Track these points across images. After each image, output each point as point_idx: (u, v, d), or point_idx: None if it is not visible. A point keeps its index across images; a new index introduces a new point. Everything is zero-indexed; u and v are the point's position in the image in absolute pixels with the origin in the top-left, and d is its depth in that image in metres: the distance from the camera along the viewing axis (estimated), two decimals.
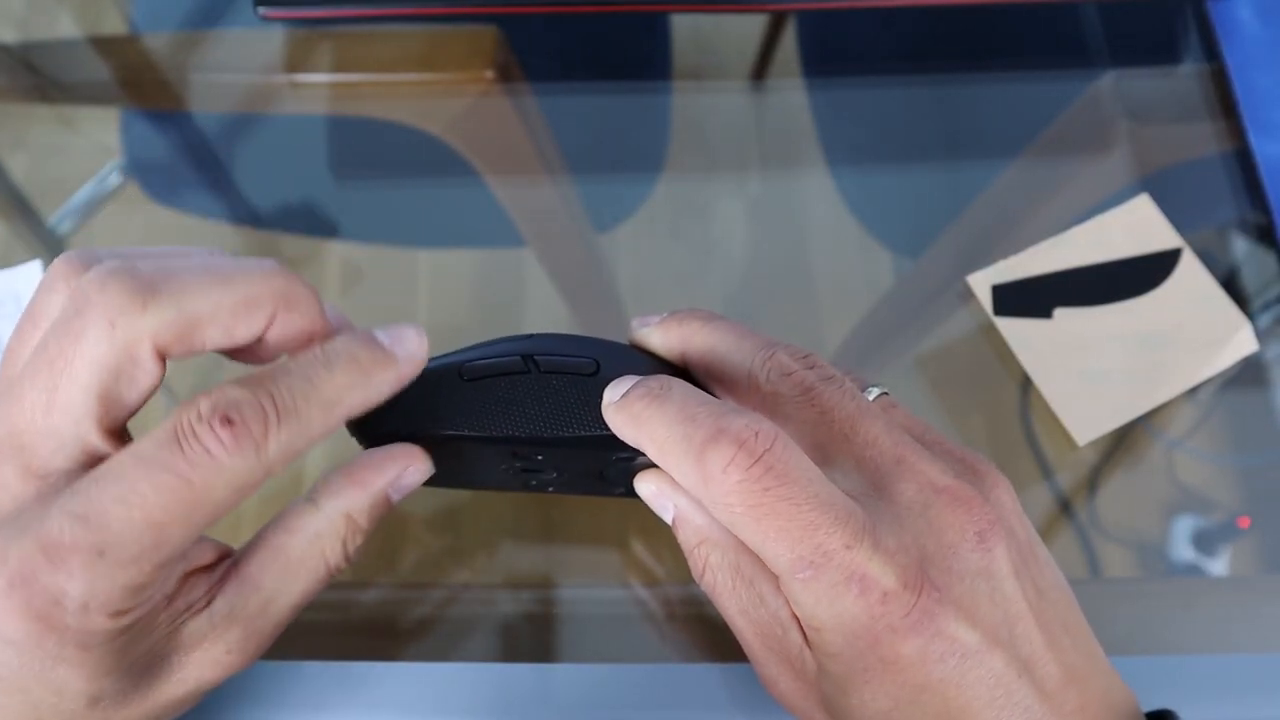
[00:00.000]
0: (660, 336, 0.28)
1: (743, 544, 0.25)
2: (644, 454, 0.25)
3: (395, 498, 0.27)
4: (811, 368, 0.26)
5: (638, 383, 0.25)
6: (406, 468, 0.27)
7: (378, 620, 0.35)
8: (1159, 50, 0.46)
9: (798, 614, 0.24)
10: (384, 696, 0.32)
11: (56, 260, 0.24)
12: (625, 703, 0.33)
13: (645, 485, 0.28)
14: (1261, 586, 0.36)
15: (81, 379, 0.22)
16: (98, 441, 0.23)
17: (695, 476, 0.23)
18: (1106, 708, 0.25)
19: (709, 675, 0.33)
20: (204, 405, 0.22)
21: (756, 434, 0.22)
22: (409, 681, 0.33)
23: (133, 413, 0.24)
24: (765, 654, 0.26)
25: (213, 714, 0.32)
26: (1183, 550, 0.36)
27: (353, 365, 0.24)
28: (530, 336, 0.27)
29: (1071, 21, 0.47)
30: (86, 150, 0.45)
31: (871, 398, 0.27)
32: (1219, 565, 0.36)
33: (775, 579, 0.25)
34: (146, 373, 0.23)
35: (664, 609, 0.35)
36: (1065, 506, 0.37)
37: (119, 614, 0.22)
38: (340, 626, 0.35)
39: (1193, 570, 0.36)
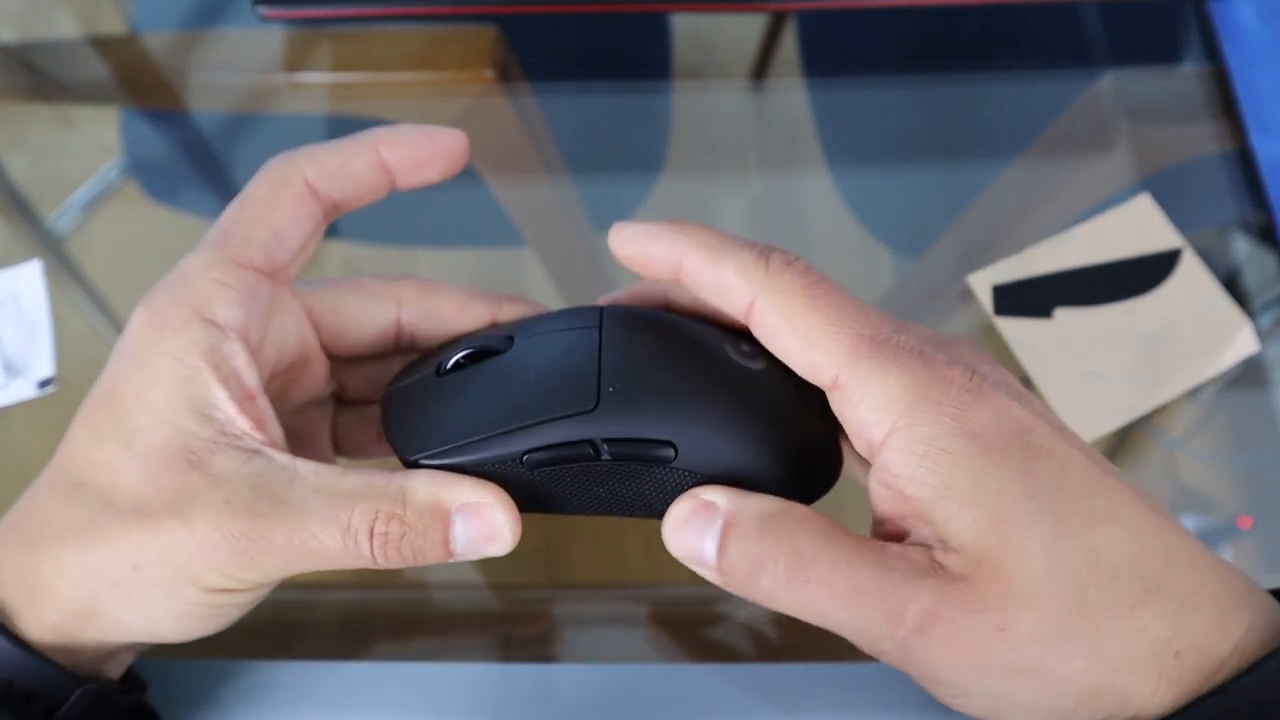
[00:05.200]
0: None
1: (807, 511, 0.23)
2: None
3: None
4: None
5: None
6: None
7: (378, 620, 0.35)
8: (1159, 50, 0.46)
9: (872, 413, 0.22)
10: (384, 696, 0.32)
11: None
12: (625, 703, 0.32)
13: (672, 518, 0.24)
14: (1263, 587, 0.36)
15: None
16: None
17: (756, 265, 0.24)
18: None
19: (709, 676, 0.33)
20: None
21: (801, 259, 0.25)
22: (409, 681, 0.33)
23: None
24: (898, 591, 0.22)
25: (214, 712, 0.32)
26: None
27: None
28: (600, 380, 0.24)
29: (1071, 21, 0.47)
30: (86, 150, 0.45)
31: None
32: None
33: (859, 536, 0.23)
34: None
35: (664, 609, 0.35)
36: None
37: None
38: (340, 626, 0.35)
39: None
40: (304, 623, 0.35)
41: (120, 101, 0.46)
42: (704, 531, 0.23)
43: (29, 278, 0.41)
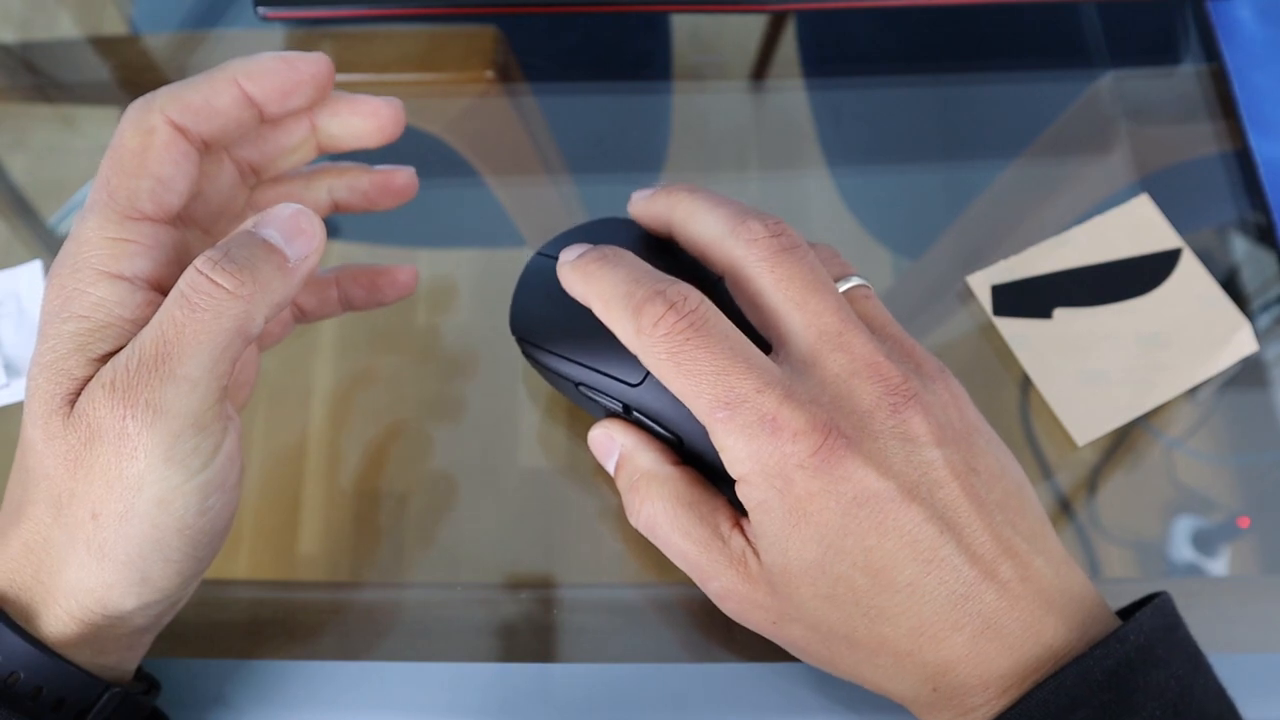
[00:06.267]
0: (647, 206, 0.31)
1: (682, 474, 0.29)
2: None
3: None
4: (777, 235, 0.28)
5: (592, 247, 0.29)
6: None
7: (378, 620, 0.35)
8: (1159, 50, 0.46)
9: (728, 466, 0.26)
10: (384, 696, 0.33)
11: None
12: (625, 703, 0.33)
13: (594, 431, 0.31)
14: (1261, 586, 0.36)
15: None
16: None
17: (631, 327, 0.27)
18: (1060, 591, 0.26)
19: (709, 675, 0.33)
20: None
21: (686, 298, 0.26)
22: (409, 681, 0.33)
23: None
24: (712, 566, 0.28)
25: (216, 711, 0.32)
26: (1183, 550, 0.36)
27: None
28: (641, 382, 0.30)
29: (1071, 21, 0.47)
30: (86, 150, 0.45)
31: (845, 288, 0.29)
32: (1219, 565, 0.36)
33: (715, 503, 0.28)
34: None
35: (664, 609, 0.35)
36: (1065, 507, 0.37)
37: None
38: (340, 626, 0.35)
39: (1193, 570, 0.36)
40: (305, 623, 0.35)
41: (121, 102, 0.46)
42: (607, 455, 0.31)
43: (29, 278, 0.41)
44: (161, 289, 0.26)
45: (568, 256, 0.29)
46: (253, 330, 0.25)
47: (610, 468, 0.31)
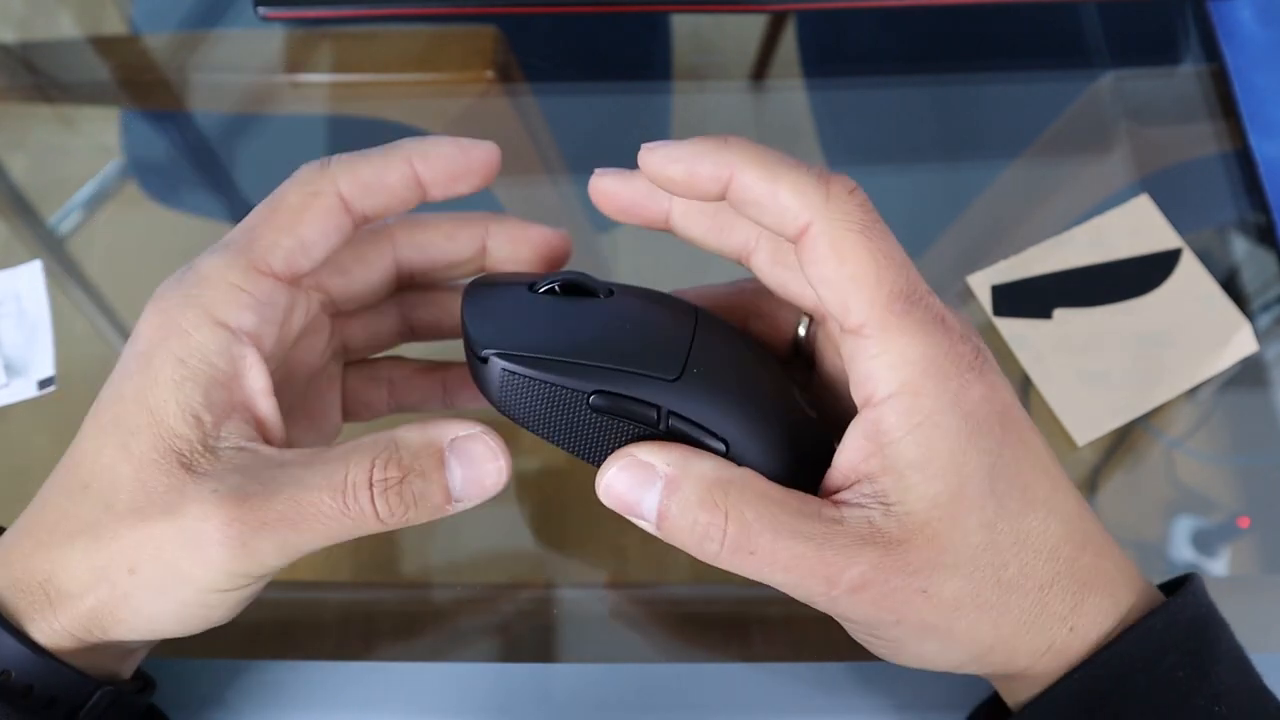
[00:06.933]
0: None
1: (754, 472, 0.24)
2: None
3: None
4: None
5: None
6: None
7: (378, 620, 0.35)
8: (1159, 50, 0.46)
9: (886, 371, 0.23)
10: (384, 696, 0.32)
11: None
12: (625, 703, 0.33)
13: (612, 471, 0.24)
14: (1261, 586, 0.36)
15: None
16: None
17: (817, 194, 0.23)
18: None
19: (709, 675, 0.33)
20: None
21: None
22: (409, 681, 0.33)
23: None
24: (840, 555, 0.23)
25: (217, 711, 0.32)
26: (1183, 550, 0.36)
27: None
28: (681, 373, 0.24)
29: (1071, 21, 0.47)
30: (86, 150, 0.45)
31: None
32: (1219, 565, 0.36)
33: (796, 492, 0.24)
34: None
35: (664, 609, 0.35)
36: None
37: None
38: (340, 626, 0.35)
39: (1193, 570, 0.36)
40: (304, 623, 0.35)
41: (120, 102, 0.46)
42: (642, 492, 0.24)
43: (30, 278, 0.41)
44: (258, 345, 0.26)
45: (658, 145, 0.25)
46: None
47: (651, 510, 0.24)
